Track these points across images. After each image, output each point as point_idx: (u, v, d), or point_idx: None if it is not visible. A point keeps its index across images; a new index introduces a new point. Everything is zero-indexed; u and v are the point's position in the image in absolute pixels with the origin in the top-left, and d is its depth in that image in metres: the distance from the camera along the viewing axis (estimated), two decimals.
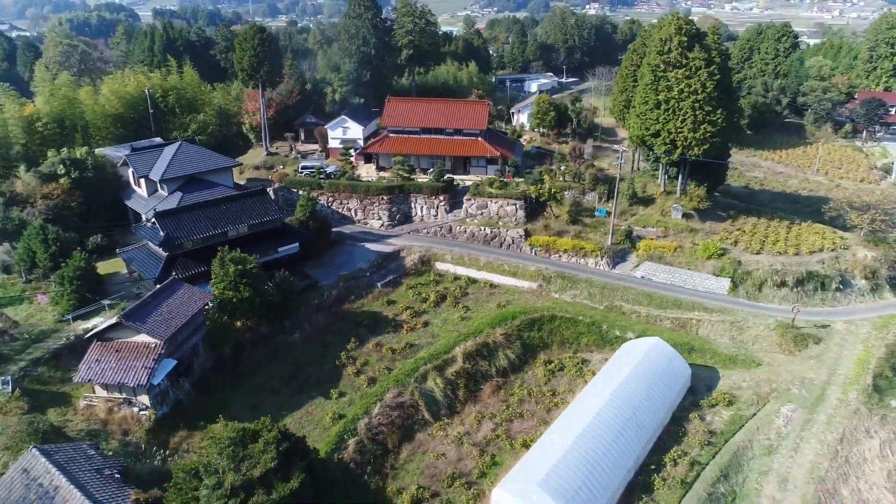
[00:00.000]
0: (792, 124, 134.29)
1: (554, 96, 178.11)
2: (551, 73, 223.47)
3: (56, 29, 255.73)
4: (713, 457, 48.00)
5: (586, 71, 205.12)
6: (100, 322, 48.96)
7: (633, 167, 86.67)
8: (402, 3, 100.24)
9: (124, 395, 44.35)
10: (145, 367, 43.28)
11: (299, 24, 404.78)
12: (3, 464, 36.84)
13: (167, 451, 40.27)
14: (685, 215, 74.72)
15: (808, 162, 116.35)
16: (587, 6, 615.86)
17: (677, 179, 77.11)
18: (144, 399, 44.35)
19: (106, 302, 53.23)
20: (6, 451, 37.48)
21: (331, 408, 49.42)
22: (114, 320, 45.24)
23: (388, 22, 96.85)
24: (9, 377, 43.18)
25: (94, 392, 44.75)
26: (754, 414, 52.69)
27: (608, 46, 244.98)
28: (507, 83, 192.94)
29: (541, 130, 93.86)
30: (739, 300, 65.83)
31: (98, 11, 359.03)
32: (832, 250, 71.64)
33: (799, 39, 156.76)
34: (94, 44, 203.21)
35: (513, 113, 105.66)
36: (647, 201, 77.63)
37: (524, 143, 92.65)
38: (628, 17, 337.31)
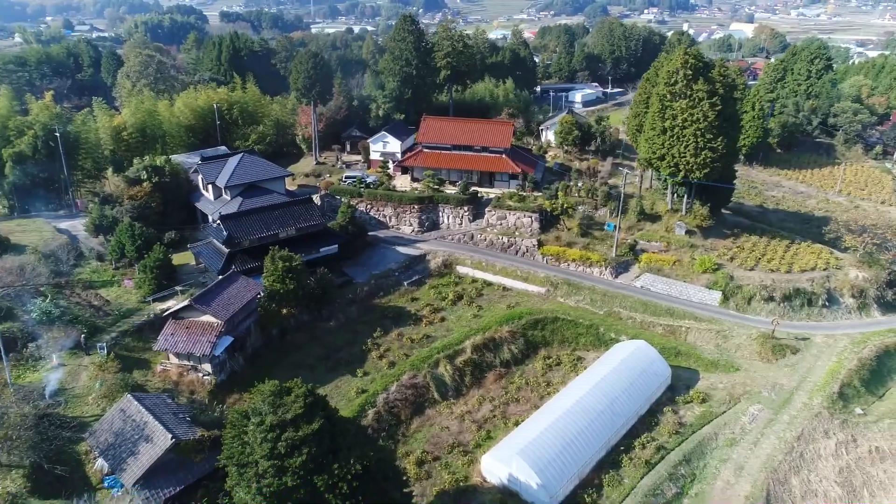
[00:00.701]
0: (822, 144, 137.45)
1: (597, 107, 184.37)
2: (596, 84, 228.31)
3: (134, 35, 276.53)
4: (679, 444, 55.62)
5: (629, 83, 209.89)
6: (174, 304, 60.23)
7: (646, 185, 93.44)
8: (442, 28, 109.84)
9: (192, 363, 55.29)
10: (209, 342, 54.09)
11: (355, 31, 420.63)
12: (101, 408, 48.16)
13: (224, 407, 50.77)
14: (688, 232, 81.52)
15: (831, 182, 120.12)
16: (646, 10, 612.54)
17: (685, 198, 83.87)
18: (207, 367, 55.18)
19: (178, 288, 64.65)
20: (104, 398, 48.79)
21: (356, 384, 59.34)
22: (186, 303, 56.38)
23: (429, 45, 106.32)
24: (104, 344, 54.71)
25: (168, 359, 55.89)
26: (724, 411, 59.88)
27: (655, 58, 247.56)
28: (551, 93, 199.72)
29: (564, 148, 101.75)
30: (729, 312, 72.51)
31: (170, 14, 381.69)
32: (824, 269, 77.36)
33: (858, 51, 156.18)
34: (167, 50, 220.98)
35: (541, 130, 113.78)
36: (655, 218, 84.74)
37: (548, 159, 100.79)
38: (677, 30, 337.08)
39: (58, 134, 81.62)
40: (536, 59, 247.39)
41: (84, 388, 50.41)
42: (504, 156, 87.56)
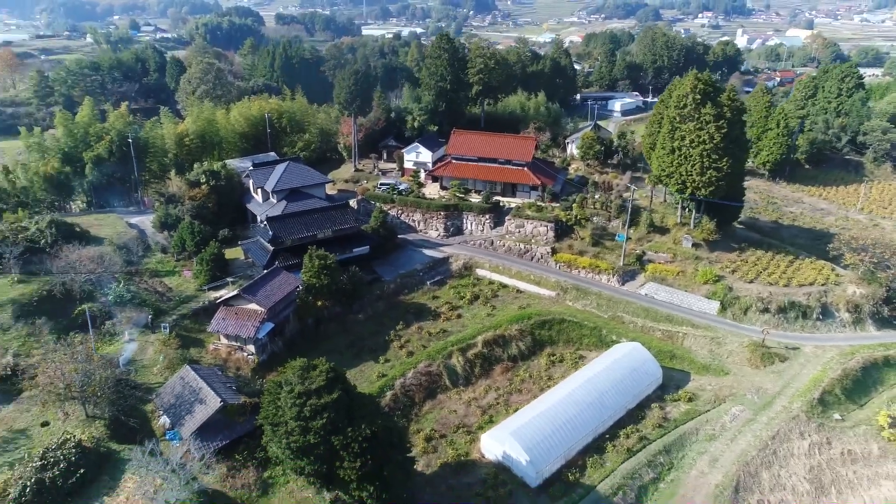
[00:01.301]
0: (851, 161, 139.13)
1: (636, 116, 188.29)
2: (637, 93, 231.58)
3: (195, 39, 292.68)
4: (661, 436, 62.07)
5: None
6: (225, 293, 69.93)
7: (660, 199, 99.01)
8: (475, 46, 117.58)
9: (238, 344, 64.68)
10: (253, 326, 63.35)
11: (404, 34, 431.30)
12: (164, 376, 57.89)
13: (262, 381, 59.83)
14: (695, 245, 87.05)
15: (854, 200, 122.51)
16: (700, 14, 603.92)
17: (693, 213, 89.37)
18: (251, 348, 64.47)
19: (229, 279, 74.42)
20: (167, 369, 58.54)
21: (378, 369, 67.78)
22: (235, 292, 65.89)
23: (463, 61, 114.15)
24: (167, 324, 64.67)
25: (219, 340, 65.45)
26: (708, 410, 65.93)
27: (697, 68, 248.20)
28: (589, 102, 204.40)
29: (586, 161, 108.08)
30: (726, 320, 78.01)
31: (229, 16, 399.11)
32: (822, 285, 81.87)
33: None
34: (225, 55, 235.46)
35: (567, 142, 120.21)
36: (664, 230, 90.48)
37: (571, 172, 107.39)
38: (723, 39, 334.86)
39: (130, 139, 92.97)
40: (578, 67, 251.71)
41: (150, 360, 60.40)
42: (526, 168, 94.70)
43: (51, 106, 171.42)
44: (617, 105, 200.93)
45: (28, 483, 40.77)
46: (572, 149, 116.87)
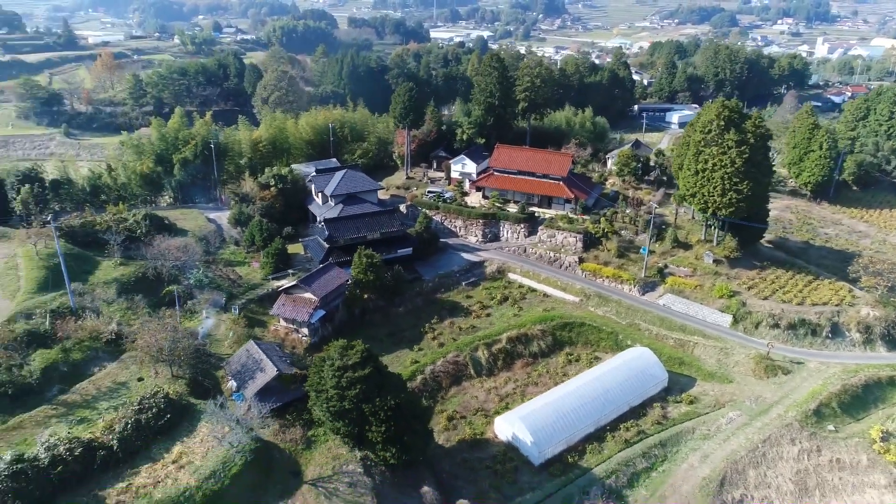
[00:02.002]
0: None
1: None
2: (696, 105, 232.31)
3: (272, 42, 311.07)
4: (659, 432, 69.08)
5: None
6: (286, 282, 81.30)
7: (689, 217, 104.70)
8: (524, 65, 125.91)
9: (294, 327, 75.82)
10: (307, 312, 74.29)
11: (472, 36, 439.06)
12: (233, 349, 69.52)
13: (312, 359, 70.51)
14: (716, 261, 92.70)
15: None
16: (779, 21, 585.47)
17: (717, 231, 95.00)
18: (305, 331, 75.44)
19: (290, 271, 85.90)
20: (235, 343, 70.19)
21: (412, 356, 77.57)
22: (294, 282, 77.11)
23: (512, 78, 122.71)
24: (237, 306, 76.61)
25: (279, 322, 76.84)
26: (707, 413, 72.38)
27: (761, 81, 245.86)
28: (645, 113, 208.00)
29: (622, 177, 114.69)
30: (737, 333, 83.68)
31: (304, 20, 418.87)
32: (836, 305, 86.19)
33: None
34: (299, 60, 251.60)
35: (607, 158, 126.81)
36: (688, 246, 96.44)
37: (607, 186, 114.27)
38: (799, 48, 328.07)
39: (212, 144, 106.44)
40: (637, 78, 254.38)
41: (222, 335, 72.33)
42: (561, 182, 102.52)
43: (143, 106, 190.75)
44: (675, 117, 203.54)
45: (129, 422, 52.56)
46: (610, 164, 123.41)
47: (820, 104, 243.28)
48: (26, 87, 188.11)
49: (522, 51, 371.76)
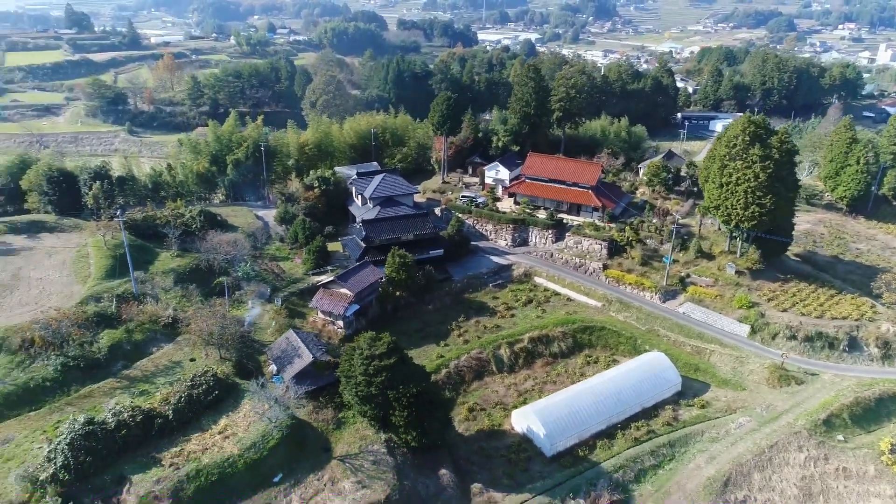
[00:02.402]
0: None
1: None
2: (741, 114, 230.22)
3: (324, 48, 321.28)
4: (668, 433, 72.64)
5: (779, 115, 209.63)
6: (324, 278, 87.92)
7: (715, 228, 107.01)
8: (560, 76, 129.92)
9: (331, 319, 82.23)
10: (343, 306, 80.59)
11: (520, 39, 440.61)
12: (274, 336, 76.36)
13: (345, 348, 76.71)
14: (738, 272, 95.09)
15: None
16: (840, 26, 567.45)
17: (740, 243, 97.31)
18: (340, 323, 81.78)
19: (329, 267, 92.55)
20: (277, 332, 77.05)
21: (438, 351, 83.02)
22: (332, 278, 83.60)
23: (547, 89, 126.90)
24: (279, 298, 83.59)
25: (317, 314, 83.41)
26: (717, 417, 75.51)
27: (811, 91, 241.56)
28: (687, 122, 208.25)
29: (652, 187, 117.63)
30: (754, 343, 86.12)
31: (355, 22, 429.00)
32: (856, 319, 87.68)
33: None
34: (346, 62, 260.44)
35: (639, 168, 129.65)
36: (711, 257, 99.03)
37: (637, 195, 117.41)
38: (846, 59, 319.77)
39: (262, 147, 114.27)
40: (681, 85, 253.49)
41: (266, 324, 79.37)
42: (590, 191, 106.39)
43: (200, 107, 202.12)
44: (718, 126, 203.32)
45: (182, 396, 59.68)
46: (642, 174, 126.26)
47: (873, 115, 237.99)
48: (95, 86, 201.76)
49: (569, 55, 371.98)
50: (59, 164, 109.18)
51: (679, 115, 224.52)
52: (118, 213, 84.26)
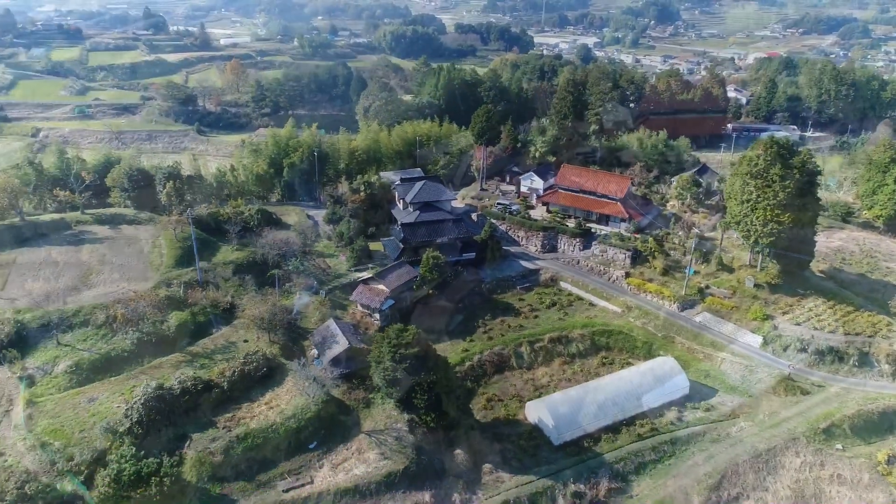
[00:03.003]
0: None
1: None
2: (794, 126, 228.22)
3: (382, 53, 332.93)
4: (671, 432, 78.25)
5: (834, 128, 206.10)
6: (365, 275, 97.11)
7: (738, 242, 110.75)
8: (597, 90, 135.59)
9: (369, 312, 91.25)
10: (380, 300, 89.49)
11: (577, 43, 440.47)
12: (317, 325, 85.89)
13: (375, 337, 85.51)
14: (757, 286, 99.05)
15: None
16: None
17: (761, 257, 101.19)
18: (377, 316, 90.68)
19: (370, 265, 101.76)
20: (320, 321, 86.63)
21: (463, 346, 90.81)
22: (371, 275, 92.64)
23: (585, 102, 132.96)
24: (324, 291, 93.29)
25: (356, 307, 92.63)
26: (721, 420, 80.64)
27: (871, 104, 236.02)
28: (735, 133, 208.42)
29: (682, 200, 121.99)
30: (765, 354, 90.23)
31: (413, 25, 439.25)
32: (870, 336, 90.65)
33: None
34: (401, 67, 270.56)
35: (672, 180, 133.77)
36: (732, 270, 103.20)
37: (667, 208, 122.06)
38: None
39: (315, 152, 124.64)
40: (733, 96, 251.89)
41: (311, 313, 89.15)
42: (618, 203, 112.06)
43: (263, 108, 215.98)
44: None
45: (236, 370, 69.80)
46: (673, 187, 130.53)
47: None
48: (169, 88, 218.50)
49: (628, 60, 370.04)
50: (137, 163, 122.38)
51: (730, 126, 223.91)
52: (187, 211, 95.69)
